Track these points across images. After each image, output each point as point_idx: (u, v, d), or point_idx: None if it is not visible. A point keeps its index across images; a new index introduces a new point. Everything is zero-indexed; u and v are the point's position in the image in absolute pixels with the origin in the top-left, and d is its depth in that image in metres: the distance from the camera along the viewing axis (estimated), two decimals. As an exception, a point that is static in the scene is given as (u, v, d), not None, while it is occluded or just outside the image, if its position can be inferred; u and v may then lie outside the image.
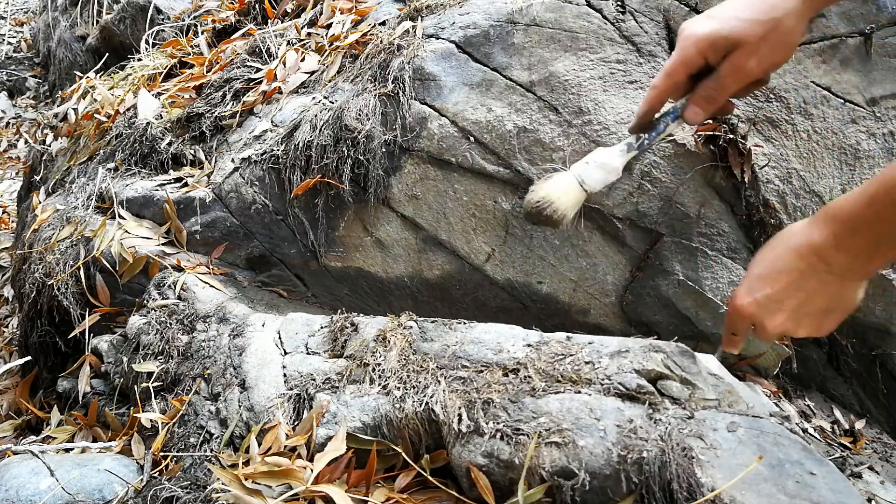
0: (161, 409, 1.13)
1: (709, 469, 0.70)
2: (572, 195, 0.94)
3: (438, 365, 0.92)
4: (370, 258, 1.34)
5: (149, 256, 1.37)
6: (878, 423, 1.28)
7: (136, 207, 1.50)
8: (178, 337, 1.21)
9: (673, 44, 1.26)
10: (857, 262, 0.76)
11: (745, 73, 0.82)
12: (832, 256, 0.76)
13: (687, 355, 0.84)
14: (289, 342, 1.10)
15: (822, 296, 0.80)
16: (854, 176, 1.23)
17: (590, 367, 0.85)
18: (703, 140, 1.20)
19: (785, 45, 0.83)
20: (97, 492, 1.00)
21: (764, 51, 0.82)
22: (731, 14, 0.83)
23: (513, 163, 1.24)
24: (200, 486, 0.91)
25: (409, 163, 1.28)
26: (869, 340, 1.26)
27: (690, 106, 0.87)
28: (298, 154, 1.31)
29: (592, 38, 1.24)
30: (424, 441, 0.88)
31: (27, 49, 5.01)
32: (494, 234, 1.27)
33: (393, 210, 1.31)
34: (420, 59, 1.29)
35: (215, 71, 1.76)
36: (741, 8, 0.83)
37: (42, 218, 1.60)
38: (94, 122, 1.88)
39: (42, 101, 4.58)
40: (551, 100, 1.23)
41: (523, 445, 0.77)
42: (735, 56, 0.82)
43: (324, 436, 0.90)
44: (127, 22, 3.34)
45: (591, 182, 0.93)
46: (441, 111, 1.26)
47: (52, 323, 1.48)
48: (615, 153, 0.91)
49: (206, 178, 1.49)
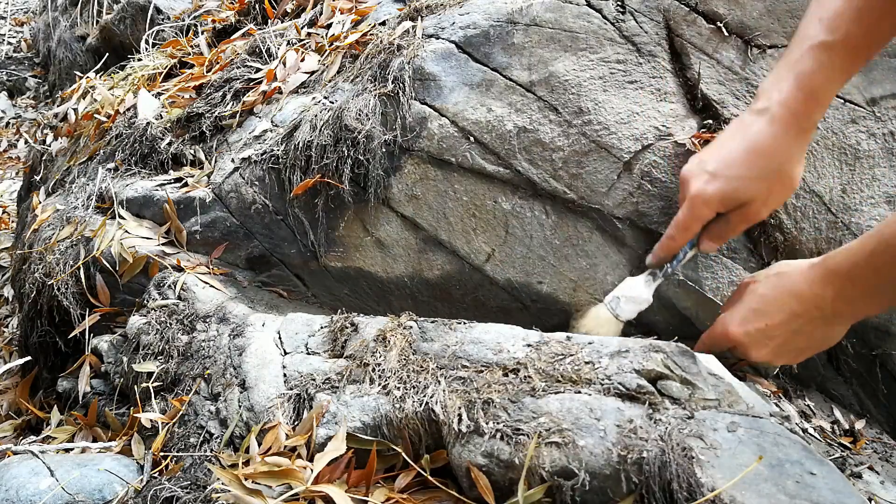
0: (161, 409, 1.13)
1: (709, 469, 0.71)
2: (610, 328, 1.09)
3: (438, 365, 0.92)
4: (370, 258, 1.34)
5: (149, 256, 1.37)
6: (879, 423, 1.28)
7: (136, 207, 1.50)
8: (178, 337, 1.21)
9: (673, 44, 1.26)
10: (850, 310, 0.80)
11: (755, 220, 0.89)
12: (829, 306, 0.81)
13: (687, 355, 0.84)
14: (289, 342, 1.11)
15: (810, 336, 0.86)
16: (854, 176, 1.24)
17: (590, 367, 0.85)
18: (702, 141, 1.20)
19: (789, 187, 0.88)
20: (97, 492, 1.00)
21: (771, 201, 0.88)
22: (737, 173, 0.88)
23: (513, 163, 1.24)
24: (200, 486, 0.91)
25: (409, 163, 1.28)
26: (869, 340, 1.26)
27: (705, 241, 0.96)
28: (298, 154, 1.31)
29: (592, 38, 1.24)
30: (424, 441, 0.88)
31: (27, 49, 5.01)
32: (494, 234, 1.27)
33: (393, 210, 1.31)
34: (420, 59, 1.29)
35: (215, 71, 1.76)
36: (745, 164, 0.88)
37: (42, 218, 1.60)
38: (94, 122, 1.88)
39: (42, 101, 4.58)
40: (551, 100, 1.23)
41: (523, 445, 0.77)
42: (747, 210, 0.89)
43: (324, 436, 0.90)
44: (127, 22, 3.34)
45: (625, 314, 1.09)
46: (441, 111, 1.26)
47: (52, 323, 1.48)
48: (642, 284, 1.03)
49: (206, 178, 1.49)
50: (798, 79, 0.85)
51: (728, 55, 1.25)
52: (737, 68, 1.25)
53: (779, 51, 1.27)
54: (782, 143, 0.87)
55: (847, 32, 0.81)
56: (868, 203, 1.24)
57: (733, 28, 1.26)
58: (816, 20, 0.82)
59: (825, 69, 0.83)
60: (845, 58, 0.83)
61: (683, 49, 1.25)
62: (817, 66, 0.84)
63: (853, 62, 0.83)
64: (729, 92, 1.24)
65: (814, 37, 0.83)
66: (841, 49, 0.82)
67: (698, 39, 1.25)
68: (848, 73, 0.84)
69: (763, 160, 0.89)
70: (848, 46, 0.81)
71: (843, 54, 0.82)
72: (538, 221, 1.25)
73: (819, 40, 0.83)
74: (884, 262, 0.75)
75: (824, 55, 0.84)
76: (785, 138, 0.86)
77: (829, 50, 0.83)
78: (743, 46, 1.26)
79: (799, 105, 0.85)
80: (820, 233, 1.23)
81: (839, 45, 0.82)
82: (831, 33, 0.82)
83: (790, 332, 0.87)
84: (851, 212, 1.23)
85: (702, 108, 1.25)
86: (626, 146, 1.21)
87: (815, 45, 0.84)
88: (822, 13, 0.82)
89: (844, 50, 0.82)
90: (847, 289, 0.80)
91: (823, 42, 0.83)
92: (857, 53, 0.82)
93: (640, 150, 1.21)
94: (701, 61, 1.24)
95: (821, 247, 1.23)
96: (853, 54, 0.83)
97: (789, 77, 0.85)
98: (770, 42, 1.26)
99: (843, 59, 0.83)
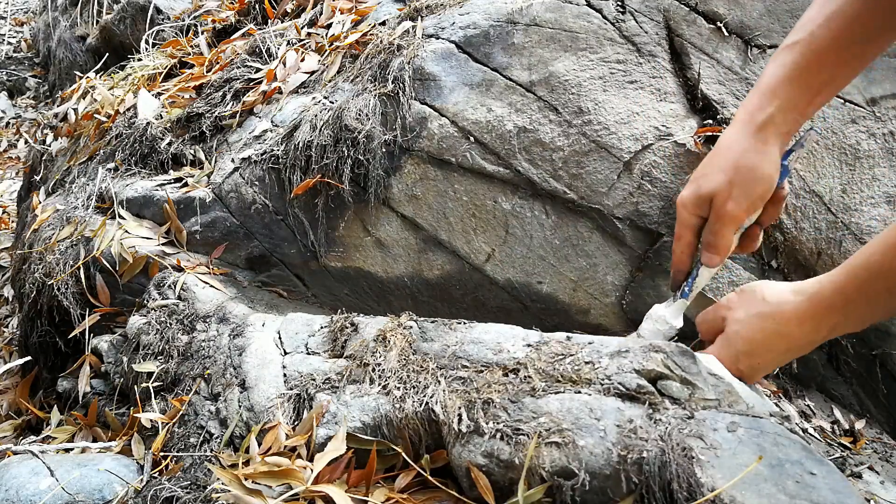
0: (161, 409, 1.13)
1: (709, 469, 0.70)
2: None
3: (438, 365, 0.92)
4: (370, 258, 1.34)
5: (149, 256, 1.37)
6: (879, 423, 1.28)
7: (136, 207, 1.50)
8: (178, 337, 1.21)
9: (673, 44, 1.26)
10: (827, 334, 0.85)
11: (729, 216, 0.93)
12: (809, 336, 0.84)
13: (687, 355, 0.84)
14: (289, 342, 1.10)
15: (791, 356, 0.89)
16: (854, 176, 1.24)
17: (590, 367, 0.85)
18: (703, 140, 1.20)
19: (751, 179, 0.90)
20: (97, 492, 0.99)
21: (736, 193, 0.90)
22: (702, 172, 0.95)
23: (513, 163, 1.24)
24: (200, 486, 0.91)
25: (409, 163, 1.28)
26: (869, 340, 1.26)
27: (703, 252, 0.97)
28: (298, 154, 1.31)
29: (592, 38, 1.24)
30: (424, 441, 0.88)
31: (27, 49, 5.02)
32: (494, 234, 1.27)
33: (393, 210, 1.31)
34: (420, 59, 1.29)
35: (215, 71, 1.76)
36: (707, 163, 0.94)
37: (42, 218, 1.60)
38: (94, 122, 1.88)
39: (42, 101, 4.58)
40: (551, 100, 1.23)
41: (523, 445, 0.77)
42: (714, 205, 0.91)
43: (324, 436, 0.90)
44: (127, 22, 3.34)
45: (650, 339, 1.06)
46: (441, 111, 1.26)
47: (52, 323, 1.48)
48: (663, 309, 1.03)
49: (206, 178, 1.49)
50: (758, 80, 0.89)
51: (728, 55, 1.25)
52: (737, 68, 1.25)
53: (779, 51, 1.27)
54: (738, 136, 0.91)
55: (812, 33, 0.83)
56: (868, 203, 1.24)
57: (733, 28, 1.26)
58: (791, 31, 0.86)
59: (784, 66, 0.86)
60: (808, 56, 0.86)
61: (683, 49, 1.25)
62: (777, 64, 0.87)
63: (818, 62, 0.85)
64: (729, 92, 1.24)
65: (783, 43, 0.87)
66: (804, 47, 0.85)
67: (698, 39, 1.25)
68: (813, 73, 0.86)
69: (720, 155, 0.94)
70: (812, 46, 0.84)
71: (806, 53, 0.85)
72: (538, 221, 1.25)
73: (785, 43, 0.87)
74: (875, 293, 0.78)
75: (785, 53, 0.87)
76: (741, 133, 0.91)
77: (791, 49, 0.86)
78: (743, 46, 1.26)
79: (753, 100, 0.90)
80: (820, 233, 1.23)
81: (803, 43, 0.84)
82: (796, 33, 0.86)
83: (782, 361, 0.93)
84: (851, 212, 1.23)
85: (702, 107, 1.25)
86: (626, 146, 1.21)
87: (781, 48, 0.87)
88: (797, 23, 0.85)
89: (808, 49, 0.84)
90: (840, 325, 0.85)
91: (787, 44, 0.87)
92: (822, 54, 0.84)
93: (640, 150, 1.21)
94: (701, 61, 1.24)
95: (821, 247, 1.23)
96: (818, 54, 0.85)
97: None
98: (770, 42, 1.26)
99: (804, 58, 0.86)
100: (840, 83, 0.87)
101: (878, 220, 1.24)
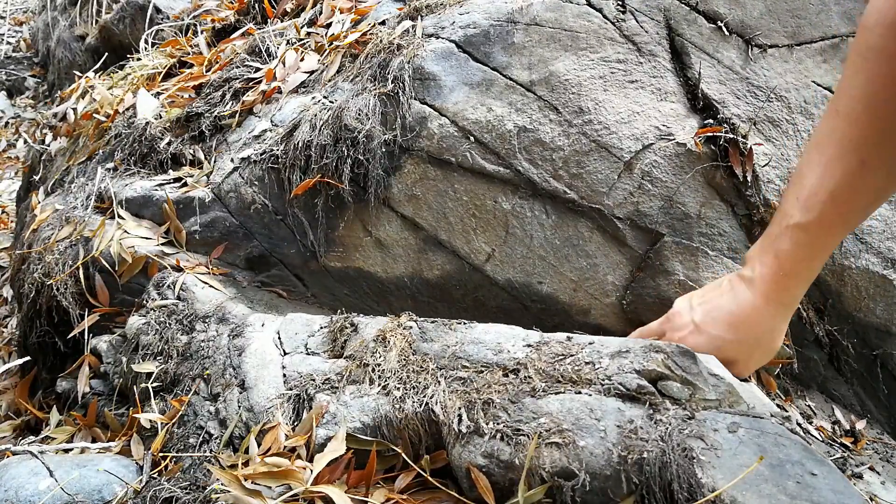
0: (160, 410, 1.13)
1: (709, 469, 0.70)
2: None
3: (438, 365, 0.92)
4: (370, 258, 1.34)
5: (148, 256, 1.37)
6: (879, 424, 1.28)
7: (135, 207, 1.50)
8: (177, 337, 1.21)
9: (673, 44, 1.26)
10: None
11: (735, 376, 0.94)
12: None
13: (687, 355, 0.84)
14: (288, 342, 1.10)
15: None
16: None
17: (590, 367, 0.85)
18: (703, 140, 1.19)
19: (768, 354, 0.96)
20: (96, 492, 0.99)
21: (752, 365, 0.99)
22: (719, 334, 1.00)
23: (513, 162, 1.24)
24: (200, 487, 0.90)
25: (409, 162, 1.28)
26: (870, 340, 1.26)
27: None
28: (298, 154, 1.31)
29: (593, 37, 1.24)
30: (424, 441, 0.88)
31: (26, 48, 5.01)
32: (494, 234, 1.27)
33: (393, 210, 1.31)
34: (420, 59, 1.29)
35: (214, 70, 1.76)
36: (729, 328, 0.99)
37: (41, 218, 1.60)
38: (93, 122, 1.87)
39: (41, 101, 4.57)
40: (551, 99, 1.23)
41: (523, 446, 0.77)
42: (728, 367, 0.94)
43: (323, 436, 0.90)
44: (126, 21, 3.33)
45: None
46: (441, 111, 1.26)
47: (51, 323, 1.47)
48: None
49: (205, 177, 1.48)
50: (778, 257, 0.91)
51: (729, 55, 1.25)
52: (737, 68, 1.24)
53: (779, 50, 1.27)
54: (765, 315, 0.93)
55: (821, 213, 0.85)
56: (869, 203, 1.23)
57: (734, 27, 1.25)
58: (794, 199, 0.88)
59: (803, 248, 0.89)
60: (821, 235, 0.89)
61: (684, 48, 1.25)
62: (795, 245, 0.89)
63: (830, 238, 0.90)
64: (729, 91, 1.23)
65: (791, 216, 0.89)
66: (816, 229, 0.87)
67: (699, 39, 1.25)
68: (827, 248, 0.90)
69: (745, 328, 0.96)
70: (823, 225, 0.86)
71: (819, 232, 0.88)
72: (538, 221, 1.25)
73: (795, 221, 0.88)
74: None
75: (801, 234, 0.89)
76: (766, 311, 0.94)
77: (805, 230, 0.88)
78: (744, 46, 1.26)
79: (779, 281, 0.93)
80: (820, 233, 1.23)
81: (814, 226, 0.87)
82: (806, 213, 0.87)
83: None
84: (852, 212, 1.23)
85: (702, 107, 1.24)
86: (626, 146, 1.21)
87: (793, 225, 0.89)
88: (799, 192, 0.87)
89: (820, 228, 0.87)
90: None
91: (799, 223, 0.88)
92: (832, 231, 0.88)
93: (640, 149, 1.20)
94: (701, 61, 1.24)
95: (821, 247, 1.23)
96: (828, 232, 0.89)
97: (770, 252, 0.93)
98: (771, 42, 1.26)
99: (819, 237, 0.89)
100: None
101: (878, 219, 1.24)
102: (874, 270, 1.22)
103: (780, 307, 0.91)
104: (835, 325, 1.25)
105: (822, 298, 1.25)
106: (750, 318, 0.91)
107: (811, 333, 1.25)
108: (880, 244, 1.22)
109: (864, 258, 1.22)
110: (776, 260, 0.88)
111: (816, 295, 1.25)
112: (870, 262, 1.22)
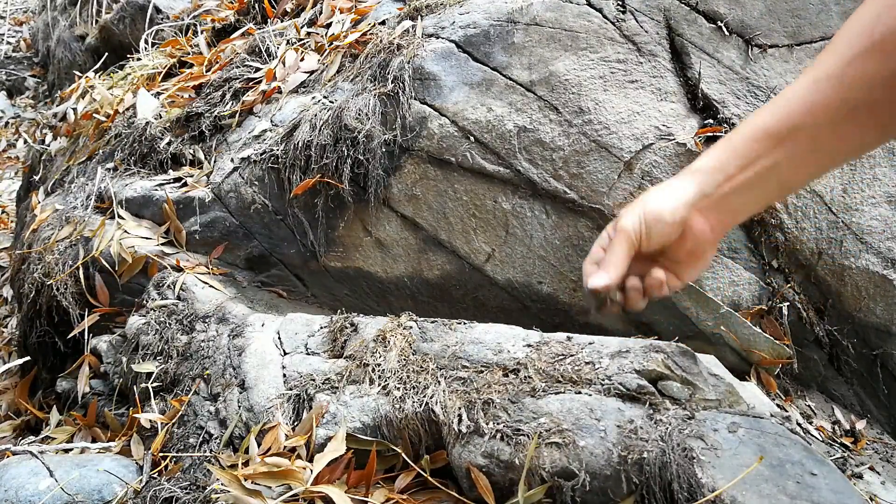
0: (160, 410, 1.13)
1: (709, 469, 0.70)
2: None
3: (438, 365, 0.92)
4: (370, 258, 1.34)
5: (148, 256, 1.37)
6: (879, 424, 1.28)
7: (135, 207, 1.50)
8: (177, 337, 1.21)
9: (673, 44, 1.26)
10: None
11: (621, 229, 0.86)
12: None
13: (687, 355, 0.84)
14: (288, 342, 1.10)
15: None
16: (854, 176, 1.23)
17: (590, 367, 0.85)
18: (703, 140, 1.19)
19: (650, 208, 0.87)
20: (96, 492, 0.99)
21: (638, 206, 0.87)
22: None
23: (513, 162, 1.24)
24: (200, 487, 0.90)
25: (409, 162, 1.28)
26: (870, 340, 1.26)
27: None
28: (298, 154, 1.31)
29: (593, 37, 1.24)
30: (424, 441, 0.88)
31: (26, 48, 5.01)
32: (494, 234, 1.27)
33: (393, 210, 1.31)
34: (420, 59, 1.29)
35: (215, 70, 1.76)
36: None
37: (41, 218, 1.60)
38: (93, 122, 1.87)
39: (41, 101, 4.57)
40: (551, 99, 1.23)
41: (523, 446, 0.77)
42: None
43: (323, 436, 0.90)
44: (126, 21, 3.33)
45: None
46: (441, 111, 1.26)
47: (51, 323, 1.47)
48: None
49: (205, 177, 1.48)
50: (721, 145, 0.86)
51: (728, 54, 1.25)
52: (737, 68, 1.24)
53: (779, 50, 1.27)
54: (674, 180, 0.89)
55: (790, 123, 0.83)
56: (869, 203, 1.23)
57: (734, 27, 1.25)
58: (770, 106, 0.84)
59: (749, 143, 0.85)
60: (775, 146, 0.85)
61: (684, 48, 1.25)
62: (743, 139, 0.84)
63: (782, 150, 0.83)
64: (729, 91, 1.23)
65: (759, 116, 0.85)
66: (777, 133, 0.84)
67: (699, 39, 1.25)
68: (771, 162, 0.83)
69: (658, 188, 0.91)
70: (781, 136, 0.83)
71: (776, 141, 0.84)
72: (538, 221, 1.25)
73: (762, 121, 0.85)
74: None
75: (760, 132, 0.85)
76: (678, 178, 0.89)
77: (766, 132, 0.84)
78: (744, 46, 1.26)
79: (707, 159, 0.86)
80: (821, 232, 1.23)
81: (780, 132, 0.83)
82: (776, 120, 0.84)
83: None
84: (852, 211, 1.23)
85: (702, 107, 1.24)
86: (626, 146, 1.21)
87: (759, 123, 0.86)
88: (778, 101, 0.83)
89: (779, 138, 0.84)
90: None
91: (767, 125, 0.85)
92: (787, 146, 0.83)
93: (640, 149, 1.20)
94: (701, 61, 1.24)
95: (821, 246, 1.23)
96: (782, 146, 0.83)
97: (719, 144, 0.88)
98: (770, 41, 1.26)
99: (772, 147, 0.85)
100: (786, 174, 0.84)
101: (878, 219, 1.23)
102: (874, 270, 1.22)
103: (689, 175, 0.86)
104: (835, 325, 1.25)
105: (822, 298, 1.25)
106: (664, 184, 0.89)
107: (811, 333, 1.25)
108: (880, 244, 1.22)
109: (864, 258, 1.22)
110: (718, 146, 0.84)
111: (816, 295, 1.25)
112: (870, 262, 1.22)
